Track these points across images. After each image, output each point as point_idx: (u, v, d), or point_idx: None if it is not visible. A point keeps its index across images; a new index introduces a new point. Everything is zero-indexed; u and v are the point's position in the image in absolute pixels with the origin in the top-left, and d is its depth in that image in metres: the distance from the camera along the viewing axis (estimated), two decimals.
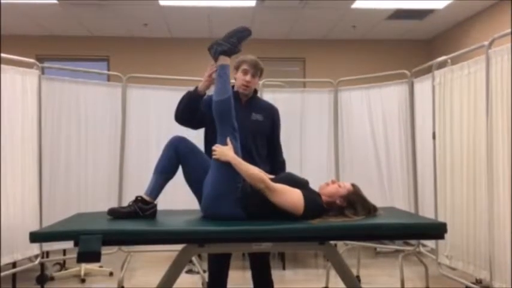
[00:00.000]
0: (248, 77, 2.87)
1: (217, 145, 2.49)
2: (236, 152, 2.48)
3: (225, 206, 2.43)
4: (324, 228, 2.31)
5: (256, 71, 2.89)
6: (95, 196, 4.21)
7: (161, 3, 5.97)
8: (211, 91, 2.72)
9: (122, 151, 4.31)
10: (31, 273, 4.30)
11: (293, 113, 4.68)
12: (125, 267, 4.08)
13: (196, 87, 2.81)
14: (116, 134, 4.33)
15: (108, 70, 7.32)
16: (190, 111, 2.82)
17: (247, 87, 2.89)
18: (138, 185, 3.21)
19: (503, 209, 2.89)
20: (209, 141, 2.80)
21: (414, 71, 4.26)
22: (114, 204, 4.03)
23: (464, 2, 6.03)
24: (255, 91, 3.04)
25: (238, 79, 2.92)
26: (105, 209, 2.56)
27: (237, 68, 2.92)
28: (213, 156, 2.47)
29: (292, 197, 2.39)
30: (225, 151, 2.45)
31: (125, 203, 2.69)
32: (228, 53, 2.61)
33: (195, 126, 2.95)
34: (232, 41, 2.60)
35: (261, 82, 4.63)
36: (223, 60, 2.60)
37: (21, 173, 3.66)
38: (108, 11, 6.30)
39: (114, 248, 4.08)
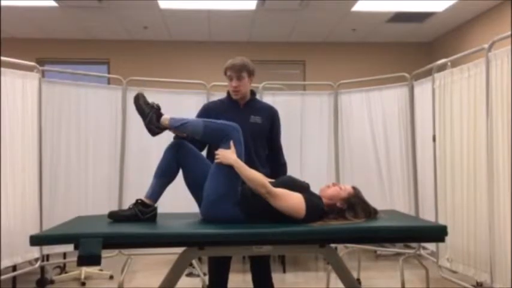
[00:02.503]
0: (234, 83, 2.88)
1: (220, 149, 2.49)
2: (239, 155, 2.48)
3: (225, 209, 2.44)
4: (324, 231, 2.31)
5: (240, 73, 2.86)
6: (95, 199, 4.21)
7: (161, 6, 5.98)
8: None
9: (122, 154, 4.32)
10: (31, 277, 4.29)
11: (293, 116, 4.68)
12: (125, 271, 4.08)
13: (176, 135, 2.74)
14: (116, 137, 4.34)
15: (109, 73, 7.32)
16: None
17: (237, 91, 2.90)
18: (138, 188, 3.21)
19: (504, 211, 2.89)
20: (213, 146, 2.78)
21: (414, 74, 4.26)
22: (114, 207, 4.04)
23: (464, 5, 6.03)
24: (253, 93, 3.04)
25: (228, 86, 2.94)
26: (106, 212, 2.57)
27: (225, 76, 2.93)
28: (216, 160, 2.47)
29: (293, 202, 2.38)
30: (228, 154, 2.45)
31: (125, 206, 2.69)
32: (159, 114, 2.59)
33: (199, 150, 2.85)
34: (148, 107, 2.59)
35: (261, 85, 4.63)
36: (165, 120, 2.58)
37: (22, 176, 3.66)
38: (108, 14, 6.31)
39: (115, 251, 4.08)
